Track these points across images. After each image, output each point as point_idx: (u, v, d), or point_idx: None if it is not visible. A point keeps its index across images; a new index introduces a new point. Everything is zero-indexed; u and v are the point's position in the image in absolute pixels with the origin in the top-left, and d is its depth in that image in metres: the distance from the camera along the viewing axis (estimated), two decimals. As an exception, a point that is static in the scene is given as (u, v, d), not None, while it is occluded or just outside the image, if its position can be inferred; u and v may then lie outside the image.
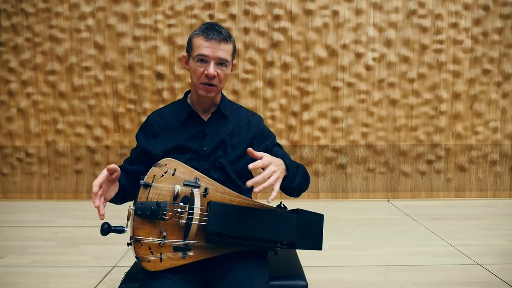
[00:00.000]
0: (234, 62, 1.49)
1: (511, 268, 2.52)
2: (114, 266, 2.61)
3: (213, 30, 1.38)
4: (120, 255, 2.78)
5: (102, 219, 1.20)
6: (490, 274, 2.45)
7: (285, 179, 1.29)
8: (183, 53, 1.50)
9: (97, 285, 2.36)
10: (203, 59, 1.37)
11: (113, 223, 1.23)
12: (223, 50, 1.38)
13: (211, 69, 1.36)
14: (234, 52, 1.46)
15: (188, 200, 1.23)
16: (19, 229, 3.39)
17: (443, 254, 2.78)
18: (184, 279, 1.23)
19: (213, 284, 1.28)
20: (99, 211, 1.19)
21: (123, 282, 1.38)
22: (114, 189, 1.28)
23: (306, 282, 1.40)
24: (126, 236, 1.20)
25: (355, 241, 3.07)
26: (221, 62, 1.38)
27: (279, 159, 1.30)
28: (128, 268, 1.47)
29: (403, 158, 4.38)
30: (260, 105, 4.30)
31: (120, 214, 1.74)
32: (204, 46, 1.37)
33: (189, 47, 1.43)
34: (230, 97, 4.23)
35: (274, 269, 1.42)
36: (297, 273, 1.46)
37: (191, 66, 1.42)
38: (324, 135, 4.34)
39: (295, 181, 1.38)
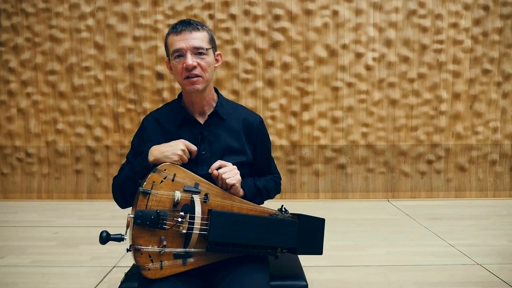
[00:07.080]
0: (219, 52, 1.46)
1: (511, 268, 2.52)
2: (114, 266, 2.61)
3: (182, 24, 1.37)
4: (120, 255, 2.78)
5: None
6: (490, 274, 2.45)
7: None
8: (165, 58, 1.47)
9: (97, 285, 2.36)
10: (180, 54, 1.36)
11: (113, 223, 1.23)
12: (196, 39, 1.35)
13: (189, 60, 1.34)
14: (212, 40, 1.42)
15: (189, 208, 1.21)
16: (19, 229, 3.39)
17: (443, 254, 2.78)
18: (184, 280, 1.23)
19: (213, 285, 1.28)
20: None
21: (123, 282, 1.38)
22: None
23: (306, 282, 1.40)
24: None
25: (355, 241, 3.07)
26: (198, 52, 1.36)
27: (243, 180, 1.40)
28: (128, 268, 1.47)
29: (403, 158, 4.37)
30: (260, 105, 4.30)
31: (120, 214, 1.74)
32: (176, 41, 1.35)
33: (166, 49, 1.42)
34: (230, 97, 4.23)
35: (274, 269, 1.42)
36: (297, 273, 1.46)
37: (172, 66, 1.40)
38: (324, 135, 4.34)
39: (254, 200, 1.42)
